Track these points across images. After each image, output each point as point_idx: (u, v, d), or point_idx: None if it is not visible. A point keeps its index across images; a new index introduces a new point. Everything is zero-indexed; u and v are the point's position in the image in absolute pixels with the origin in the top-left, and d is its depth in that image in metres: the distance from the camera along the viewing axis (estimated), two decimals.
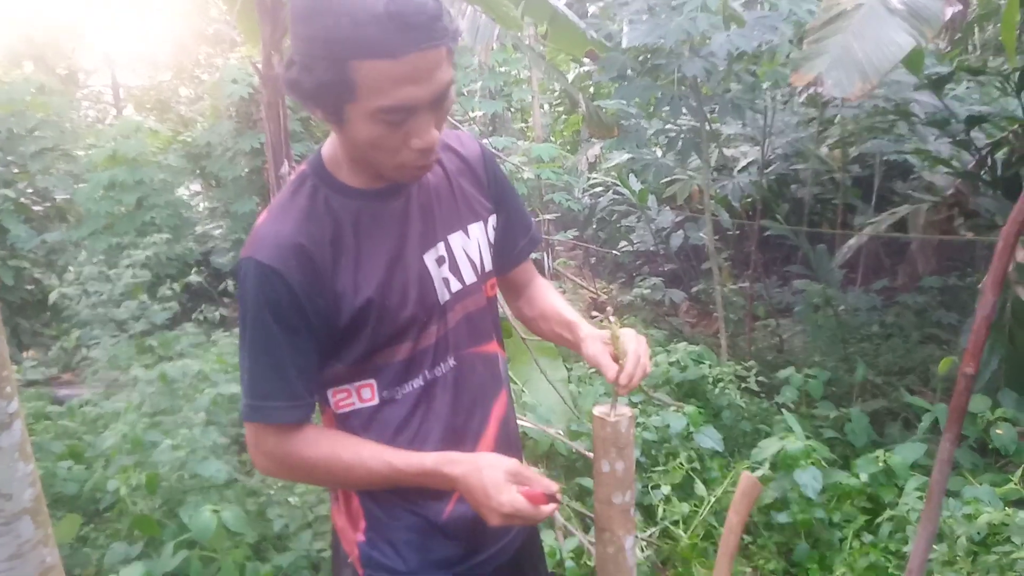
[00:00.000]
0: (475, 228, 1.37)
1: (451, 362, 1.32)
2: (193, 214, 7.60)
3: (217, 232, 7.36)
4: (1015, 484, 2.85)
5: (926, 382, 4.57)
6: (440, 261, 1.31)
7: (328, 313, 1.20)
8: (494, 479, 1.17)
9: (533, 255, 1.64)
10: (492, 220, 1.42)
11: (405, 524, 1.33)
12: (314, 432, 1.26)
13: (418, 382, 1.30)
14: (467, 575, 1.37)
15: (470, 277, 1.35)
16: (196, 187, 8.55)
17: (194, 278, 4.41)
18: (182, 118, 8.88)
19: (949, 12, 3.35)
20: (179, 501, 2.81)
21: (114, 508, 2.92)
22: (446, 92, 1.12)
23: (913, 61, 3.83)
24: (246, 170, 6.95)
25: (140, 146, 6.27)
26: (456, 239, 1.34)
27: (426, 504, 1.33)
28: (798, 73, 3.15)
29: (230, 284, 6.53)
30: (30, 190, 6.74)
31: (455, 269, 1.33)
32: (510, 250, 1.49)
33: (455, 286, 1.33)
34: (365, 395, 1.29)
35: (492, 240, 1.42)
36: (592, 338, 1.38)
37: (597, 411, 1.32)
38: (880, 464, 3.17)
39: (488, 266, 1.40)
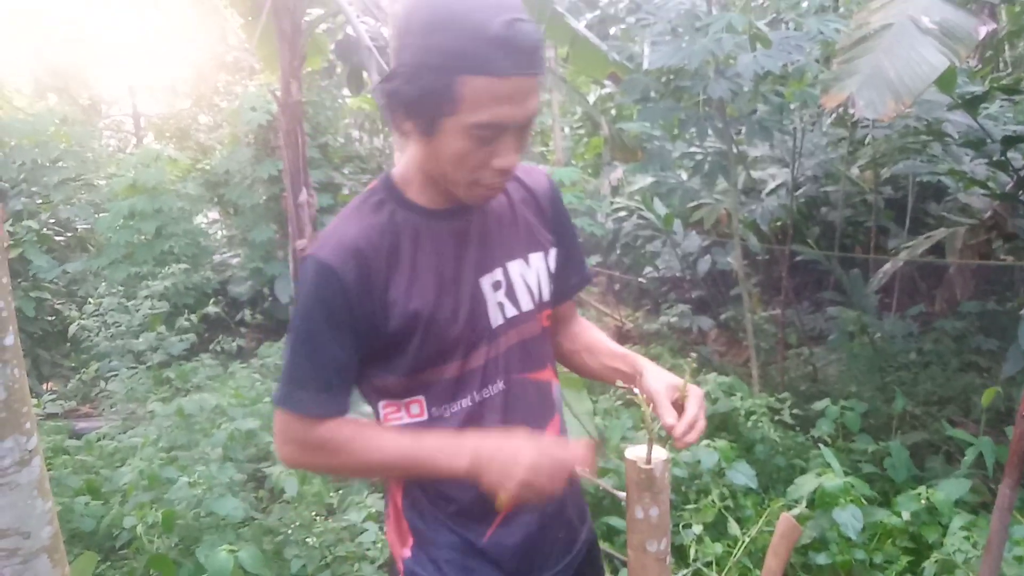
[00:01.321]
0: (535, 258, 1.41)
1: (500, 385, 1.34)
2: (211, 243, 7.61)
3: (235, 261, 7.35)
4: None
5: (967, 412, 4.40)
6: (497, 286, 1.34)
7: (376, 319, 1.25)
8: (516, 441, 1.21)
9: None
10: (553, 253, 1.45)
11: (447, 543, 1.35)
12: (340, 420, 1.28)
13: (466, 402, 1.32)
14: None
15: (527, 305, 1.38)
16: (214, 215, 8.57)
17: (212, 309, 4.37)
18: (201, 146, 8.93)
19: (983, 32, 3.25)
20: (195, 539, 2.77)
21: (131, 545, 2.87)
22: (533, 120, 1.21)
23: (945, 80, 3.72)
24: (264, 198, 6.95)
25: (159, 175, 6.30)
26: (515, 266, 1.37)
27: (467, 525, 1.35)
28: (829, 94, 3.05)
29: (247, 314, 6.53)
30: (52, 220, 6.78)
31: (512, 295, 1.36)
32: (562, 285, 1.50)
33: (510, 312, 1.36)
34: (414, 410, 1.32)
35: (552, 272, 1.44)
36: (654, 374, 1.36)
37: (631, 454, 1.24)
38: (923, 502, 3.03)
39: (546, 296, 1.43)
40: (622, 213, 6.86)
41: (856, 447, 3.81)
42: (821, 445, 3.53)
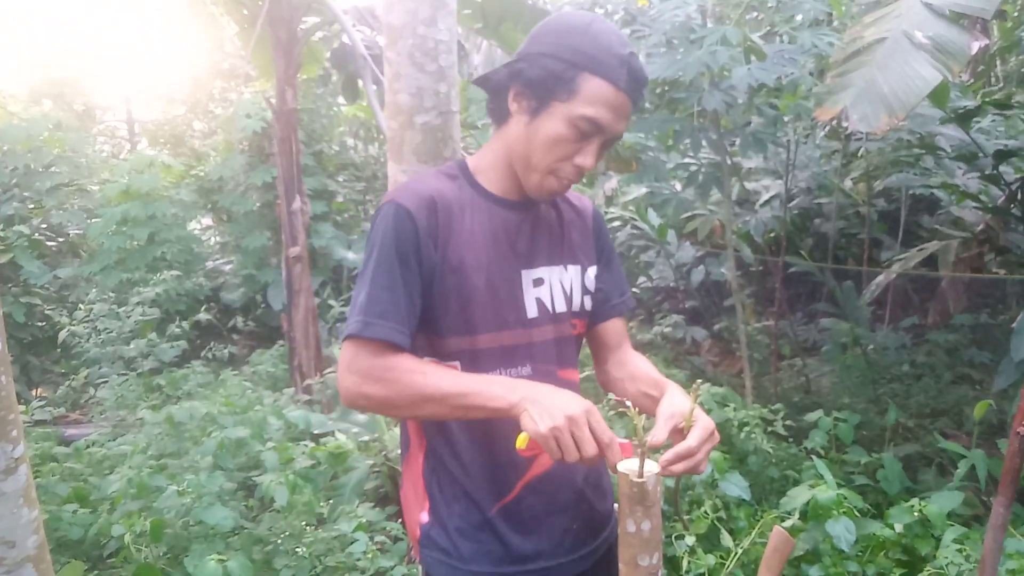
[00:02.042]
0: (574, 269, 1.52)
1: (528, 370, 1.42)
2: (204, 249, 7.58)
3: (228, 267, 7.33)
4: None
5: (960, 424, 4.40)
6: (537, 283, 1.46)
7: (434, 268, 1.36)
8: (570, 394, 1.23)
9: None
10: (592, 271, 1.55)
11: (460, 512, 1.42)
12: (404, 355, 1.33)
13: (496, 375, 1.38)
14: None
15: (561, 307, 1.49)
16: (207, 221, 8.55)
17: (203, 316, 4.35)
18: (195, 152, 8.92)
19: (975, 47, 3.26)
20: (184, 548, 2.74)
21: (119, 555, 2.83)
22: (617, 139, 1.40)
23: (938, 95, 3.74)
24: (257, 204, 6.94)
25: (153, 181, 6.28)
26: (555, 271, 1.49)
27: (479, 495, 1.41)
28: (822, 107, 3.05)
29: (239, 321, 6.50)
30: (44, 225, 6.74)
31: (548, 295, 1.47)
32: (602, 303, 1.58)
33: (545, 309, 1.46)
34: None
35: (588, 288, 1.54)
36: (671, 395, 1.37)
37: (623, 467, 1.22)
38: (915, 514, 3.02)
39: (578, 305, 1.52)
40: (616, 223, 6.86)
41: (849, 459, 3.80)
42: (814, 457, 3.53)
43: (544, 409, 1.19)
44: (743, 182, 5.51)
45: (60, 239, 7.00)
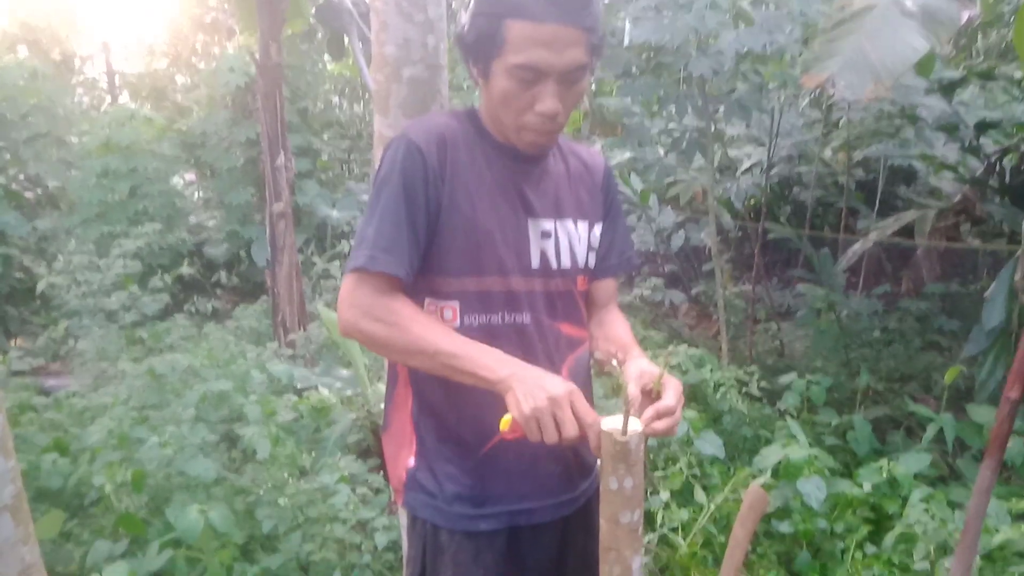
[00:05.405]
0: (582, 225, 1.50)
1: (527, 318, 1.42)
2: (187, 204, 7.52)
3: (211, 223, 7.28)
4: None
5: (928, 389, 4.51)
6: (545, 235, 1.45)
7: (438, 205, 1.35)
8: (556, 378, 1.23)
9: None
10: (598, 228, 1.54)
11: (447, 455, 1.43)
12: (407, 298, 1.35)
13: (496, 319, 1.40)
14: (501, 518, 1.44)
15: (566, 263, 1.47)
16: (191, 176, 8.46)
17: (186, 269, 4.33)
18: (178, 106, 8.78)
19: (965, 16, 3.28)
20: (166, 499, 2.74)
21: (99, 504, 2.84)
22: (577, 73, 1.31)
23: (924, 65, 3.77)
24: (241, 161, 6.88)
25: (134, 134, 6.20)
26: (563, 226, 1.47)
27: (470, 434, 1.41)
28: (809, 74, 3.06)
29: (223, 276, 6.48)
30: (21, 176, 6.65)
31: (554, 249, 1.46)
32: (600, 261, 1.56)
33: (550, 263, 1.45)
34: (447, 315, 1.40)
35: (593, 245, 1.53)
36: (637, 360, 1.39)
37: (605, 425, 1.22)
38: (884, 474, 3.11)
39: (582, 263, 1.51)
40: None
41: (820, 420, 3.89)
42: (787, 417, 3.60)
43: (528, 389, 1.20)
44: (726, 148, 5.54)
45: (38, 190, 6.91)
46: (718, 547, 3.03)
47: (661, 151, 5.87)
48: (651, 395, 1.31)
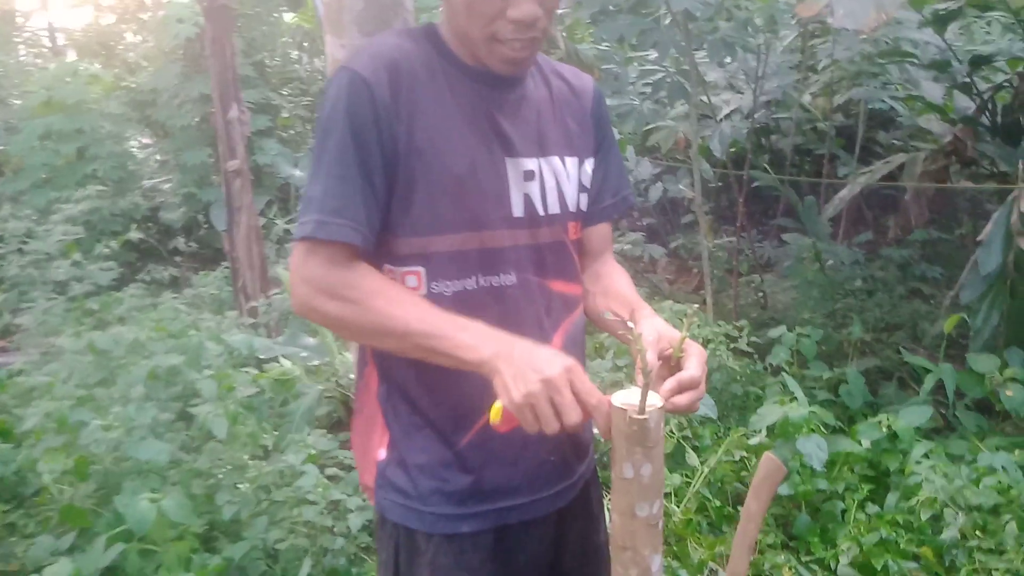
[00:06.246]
0: (571, 163, 1.28)
1: (512, 278, 1.21)
2: (143, 168, 7.15)
3: (167, 186, 6.94)
4: None
5: (915, 339, 4.38)
6: (528, 176, 1.23)
7: (398, 144, 1.13)
8: (549, 352, 1.04)
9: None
10: (588, 164, 1.32)
11: (421, 447, 1.22)
12: (367, 269, 1.14)
13: (471, 283, 1.19)
14: (488, 517, 1.23)
15: (554, 207, 1.26)
16: (147, 140, 8.08)
17: (135, 235, 4.05)
18: (127, 64, 8.34)
19: None
20: (116, 486, 2.52)
21: (41, 494, 2.61)
22: None
23: None
24: (196, 119, 6.53)
25: (79, 92, 5.82)
26: (548, 163, 1.25)
27: (448, 421, 1.21)
28: (805, 3, 2.84)
29: (181, 242, 6.18)
30: None
31: (540, 192, 1.24)
32: (592, 203, 1.34)
33: (535, 209, 1.23)
34: (410, 283, 1.18)
35: (584, 185, 1.31)
36: (651, 320, 1.18)
37: (618, 401, 1.01)
38: (884, 430, 2.97)
39: (573, 206, 1.29)
40: None
41: (810, 374, 3.75)
42: (783, 373, 3.45)
43: (517, 371, 1.00)
44: (708, 94, 5.30)
45: None
46: (713, 512, 2.88)
47: (636, 102, 5.62)
48: (669, 362, 1.10)
